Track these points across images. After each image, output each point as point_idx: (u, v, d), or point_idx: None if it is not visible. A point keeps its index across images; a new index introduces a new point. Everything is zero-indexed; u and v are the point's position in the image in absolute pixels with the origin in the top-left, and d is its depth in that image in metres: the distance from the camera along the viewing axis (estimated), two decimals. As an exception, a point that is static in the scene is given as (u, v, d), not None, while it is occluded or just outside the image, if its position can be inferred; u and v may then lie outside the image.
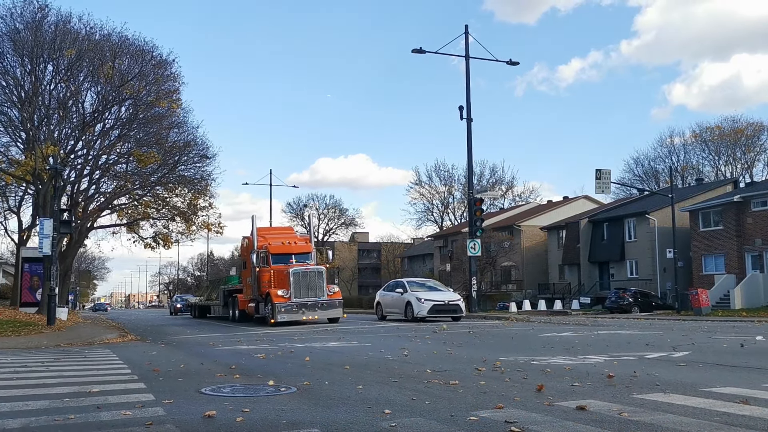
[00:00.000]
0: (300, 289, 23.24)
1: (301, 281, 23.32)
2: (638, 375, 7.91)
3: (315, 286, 23.48)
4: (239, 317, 27.50)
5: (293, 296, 23.10)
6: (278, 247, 25.42)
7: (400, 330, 19.04)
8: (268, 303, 23.57)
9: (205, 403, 6.44)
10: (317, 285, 23.55)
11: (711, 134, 68.36)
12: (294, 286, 23.17)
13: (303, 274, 23.56)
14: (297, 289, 23.20)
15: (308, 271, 23.72)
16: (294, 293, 23.14)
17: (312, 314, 23.34)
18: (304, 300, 23.23)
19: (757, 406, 5.57)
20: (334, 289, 24.46)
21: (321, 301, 23.46)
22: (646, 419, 5.15)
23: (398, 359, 10.56)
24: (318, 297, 23.39)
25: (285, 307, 22.98)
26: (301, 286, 23.28)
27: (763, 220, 37.95)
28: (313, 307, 23.34)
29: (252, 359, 11.07)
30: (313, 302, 23.33)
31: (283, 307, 22.95)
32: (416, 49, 27.00)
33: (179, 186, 33.85)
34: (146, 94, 29.21)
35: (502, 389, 6.92)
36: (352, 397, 6.64)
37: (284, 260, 24.72)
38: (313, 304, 23.33)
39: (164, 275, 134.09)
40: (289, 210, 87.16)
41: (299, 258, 25.17)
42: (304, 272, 23.63)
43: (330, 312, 23.83)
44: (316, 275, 23.76)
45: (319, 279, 23.68)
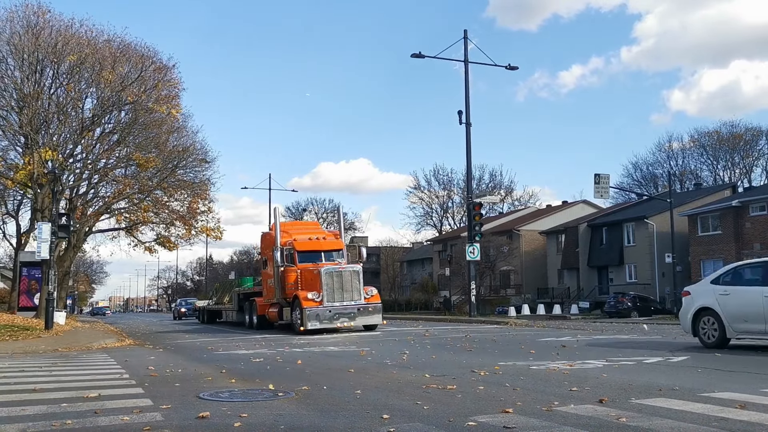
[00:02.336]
0: (333, 291, 20.24)
1: (334, 282, 20.36)
2: (636, 380, 7.90)
3: (351, 288, 20.49)
4: (258, 323, 24.73)
5: (326, 300, 20.09)
6: (305, 243, 22.49)
7: (398, 335, 19.01)
8: (296, 308, 20.62)
9: (204, 408, 6.43)
10: (353, 287, 20.56)
11: (709, 139, 68.43)
12: (326, 289, 20.17)
13: (337, 274, 20.53)
14: (330, 292, 20.17)
15: (343, 271, 20.67)
16: (326, 296, 20.12)
17: (347, 321, 20.37)
18: (339, 304, 20.24)
19: (755, 411, 5.57)
20: (372, 292, 21.19)
21: (357, 306, 20.42)
22: (644, 424, 5.15)
23: (397, 364, 10.55)
24: (354, 301, 20.40)
25: (316, 312, 20.00)
26: (335, 288, 20.31)
27: (762, 225, 37.97)
28: (348, 312, 20.36)
29: (250, 364, 11.05)
30: (348, 307, 20.33)
31: (314, 313, 19.95)
32: (415, 54, 27.05)
33: (178, 190, 33.85)
34: (146, 98, 29.23)
35: (500, 394, 6.91)
36: (351, 402, 6.64)
37: (312, 258, 22.04)
38: (348, 309, 20.34)
39: (163, 279, 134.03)
40: (288, 214, 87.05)
41: (329, 256, 22.43)
42: (338, 272, 20.60)
43: (367, 318, 20.68)
44: (351, 275, 20.70)
45: (356, 280, 20.65)
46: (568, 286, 52.03)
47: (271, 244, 23.02)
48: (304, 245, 22.37)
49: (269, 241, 23.94)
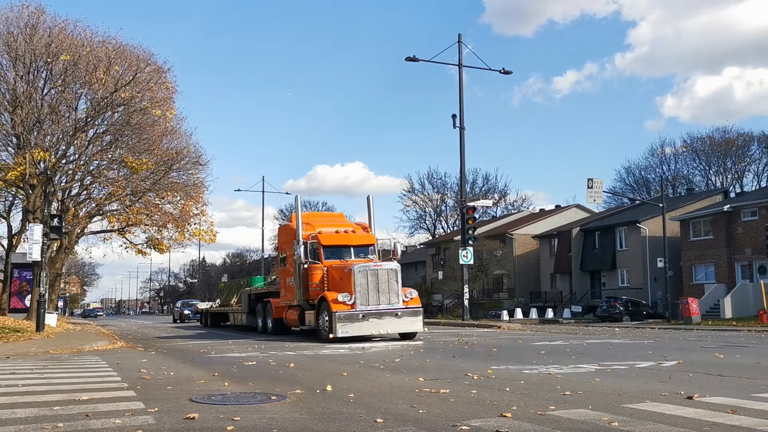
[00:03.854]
0: (368, 293, 17.77)
1: (369, 283, 17.85)
2: (628, 384, 7.93)
3: (387, 290, 17.97)
4: (273, 328, 22.32)
5: (359, 302, 17.61)
6: (332, 237, 19.91)
7: (390, 338, 19.00)
8: (323, 311, 18.12)
9: (196, 411, 6.41)
10: (390, 288, 18.03)
11: (702, 144, 68.79)
12: (360, 290, 17.69)
13: (372, 273, 17.99)
14: (364, 294, 17.71)
15: (379, 270, 18.13)
16: (360, 298, 17.63)
17: (384, 327, 17.73)
18: (374, 308, 17.74)
19: (745, 416, 5.60)
20: (411, 294, 18.68)
21: (395, 310, 17.90)
22: (636, 429, 5.17)
23: (390, 368, 10.55)
24: (391, 304, 17.93)
25: (348, 316, 17.46)
26: (370, 289, 17.81)
27: (753, 230, 38.17)
28: (385, 317, 17.76)
29: (243, 367, 11.03)
30: (385, 311, 17.81)
31: (345, 317, 17.42)
32: (410, 57, 27.11)
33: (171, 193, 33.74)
34: (140, 100, 29.15)
35: (493, 398, 6.93)
36: (344, 406, 6.63)
37: (340, 254, 19.58)
38: (385, 314, 17.78)
39: (155, 281, 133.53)
40: (281, 217, 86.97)
41: (359, 252, 19.89)
42: (374, 270, 18.06)
43: (406, 324, 18.05)
44: (388, 275, 18.17)
45: (393, 280, 18.16)
46: (561, 290, 52.15)
47: (291, 238, 20.42)
48: (330, 239, 19.76)
49: (289, 235, 21.23)
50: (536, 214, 65.34)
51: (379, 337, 18.35)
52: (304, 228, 20.01)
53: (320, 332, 18.25)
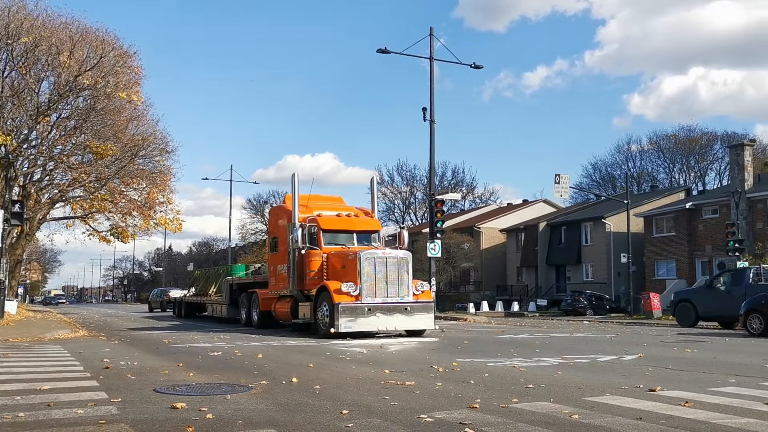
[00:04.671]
0: (375, 283, 15.97)
1: (376, 272, 16.04)
2: (590, 378, 8.10)
3: (397, 281, 16.21)
4: (260, 321, 20.26)
5: (364, 294, 15.80)
6: (333, 221, 18.18)
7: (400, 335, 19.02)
8: (322, 303, 16.24)
9: (160, 402, 6.38)
10: (400, 279, 16.28)
11: (667, 142, 70.13)
12: (366, 280, 15.88)
13: (380, 261, 16.16)
14: (370, 284, 15.92)
15: (388, 258, 16.33)
16: (366, 289, 15.83)
17: (391, 323, 15.97)
18: (381, 301, 15.97)
19: (700, 409, 5.77)
20: (423, 287, 17.01)
21: (405, 304, 16.14)
22: (595, 422, 5.28)
23: (357, 360, 10.59)
24: (401, 297, 16.16)
25: (352, 309, 15.63)
26: (377, 279, 16.02)
27: (714, 228, 39.07)
28: (393, 311, 15.99)
29: (208, 357, 10.97)
30: (394, 305, 16.04)
31: (348, 310, 15.58)
32: (381, 49, 27.04)
33: (136, 180, 33.26)
34: (105, 85, 28.62)
35: (458, 391, 7.01)
36: (310, 397, 6.65)
37: (341, 240, 17.93)
38: (393, 308, 16.02)
39: (119, 269, 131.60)
40: (249, 207, 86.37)
41: (363, 238, 18.20)
42: (382, 258, 16.24)
43: (415, 320, 16.27)
44: (399, 264, 16.40)
45: (404, 270, 16.41)
46: (527, 283, 52.79)
47: (286, 221, 18.68)
48: (331, 223, 18.05)
49: (282, 217, 19.42)
50: (504, 208, 65.96)
51: (384, 334, 16.50)
52: (301, 210, 18.09)
53: (318, 326, 16.34)
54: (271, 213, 22.38)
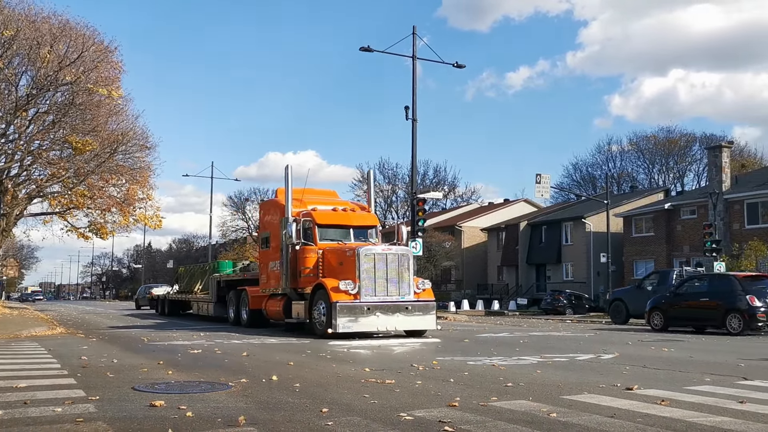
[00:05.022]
0: (375, 281, 15.26)
1: (376, 270, 15.32)
2: (568, 376, 8.17)
3: (398, 278, 15.49)
4: (249, 320, 19.50)
5: (363, 292, 15.09)
6: (329, 215, 17.40)
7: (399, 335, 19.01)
8: (318, 302, 15.51)
9: (138, 399, 6.34)
10: (401, 276, 15.55)
11: (647, 143, 70.92)
12: (365, 277, 15.18)
13: (380, 258, 15.43)
14: (370, 282, 15.21)
15: (388, 254, 15.62)
16: (364, 288, 15.12)
17: (391, 322, 15.23)
18: (381, 300, 15.25)
19: (676, 408, 5.85)
20: (424, 285, 16.15)
21: (406, 303, 15.41)
22: (573, 420, 5.34)
23: (337, 358, 10.60)
24: (401, 295, 15.44)
25: (351, 308, 14.91)
26: (377, 277, 15.30)
27: (691, 228, 39.55)
28: (394, 310, 15.25)
29: (188, 355, 10.92)
30: (394, 303, 15.30)
31: (347, 309, 14.87)
32: (364, 48, 27.02)
33: (116, 176, 32.93)
34: (85, 79, 28.30)
35: (437, 389, 7.04)
36: (290, 395, 6.65)
37: (337, 236, 17.20)
38: (394, 307, 15.27)
39: (97, 266, 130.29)
40: (230, 204, 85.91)
41: (359, 234, 17.45)
42: (382, 255, 15.52)
43: (416, 320, 15.54)
44: (399, 261, 15.64)
45: (404, 268, 15.65)
46: (507, 282, 53.09)
47: (278, 216, 17.87)
48: (327, 217, 17.26)
49: (274, 212, 18.60)
50: (485, 207, 66.27)
51: (382, 334, 15.78)
52: (294, 204, 17.31)
53: (314, 326, 15.65)
54: (262, 207, 21.06)
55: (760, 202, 36.99)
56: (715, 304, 18.58)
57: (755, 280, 19.38)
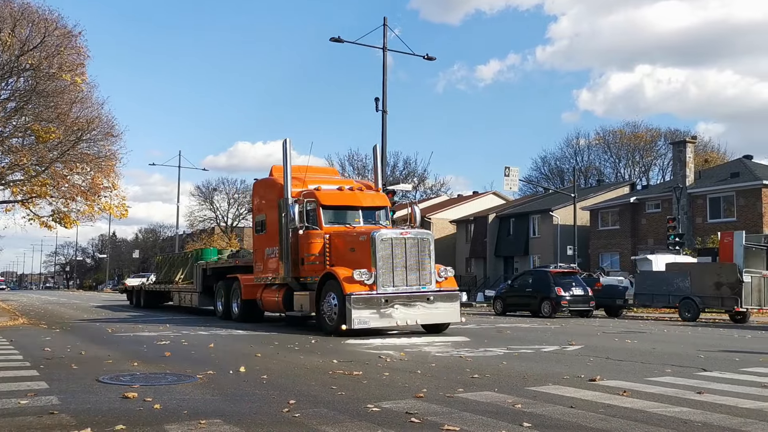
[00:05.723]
0: (393, 270, 13.49)
1: (394, 256, 13.54)
2: (534, 368, 8.29)
3: (418, 266, 13.72)
4: (242, 312, 17.76)
5: (380, 281, 13.29)
6: (335, 196, 15.48)
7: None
8: (328, 293, 13.74)
9: (103, 392, 6.27)
10: (422, 264, 13.80)
11: (613, 138, 71.98)
12: (382, 265, 13.37)
13: (398, 242, 13.65)
14: (387, 270, 13.42)
15: (407, 239, 13.80)
16: (382, 276, 13.34)
17: (412, 316, 13.48)
18: (400, 290, 13.49)
19: (638, 399, 5.98)
20: (446, 273, 14.40)
21: (427, 293, 13.68)
22: (537, 411, 5.43)
23: (305, 349, 10.59)
24: (422, 285, 13.70)
25: (366, 300, 13.12)
26: (395, 264, 13.53)
27: (656, 222, 40.29)
28: (414, 302, 13.54)
29: (154, 347, 10.81)
30: (415, 294, 13.59)
31: (363, 302, 13.08)
32: (334, 38, 26.90)
33: (80, 164, 32.31)
34: (48, 65, 27.67)
35: (405, 380, 7.09)
36: (257, 386, 6.63)
37: (344, 218, 15.30)
38: (415, 298, 13.57)
39: (61, 255, 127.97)
40: (198, 194, 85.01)
41: (368, 216, 15.63)
42: (401, 240, 13.71)
43: (439, 312, 13.84)
44: (420, 246, 13.87)
45: (425, 254, 13.91)
46: (476, 274, 53.51)
47: (275, 197, 16.23)
48: (333, 198, 15.38)
49: (271, 192, 16.80)
50: (454, 200, 66.63)
51: (396, 331, 14.43)
52: (294, 183, 15.58)
53: (323, 321, 13.87)
54: (256, 188, 18.63)
55: (722, 197, 37.82)
56: (534, 294, 24.26)
57: (565, 275, 24.80)
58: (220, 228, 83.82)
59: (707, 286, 21.63)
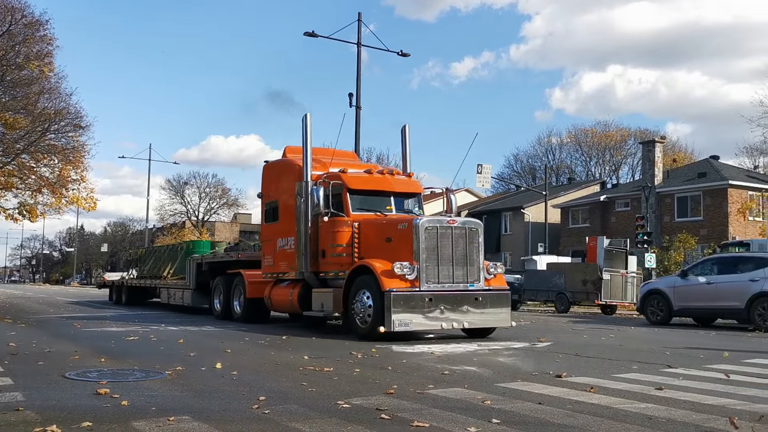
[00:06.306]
0: (438, 264, 11.69)
1: (440, 248, 11.73)
2: (503, 364, 8.37)
3: (464, 260, 11.96)
4: (245, 311, 16.10)
5: (424, 277, 11.49)
6: (364, 179, 13.68)
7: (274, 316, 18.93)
8: (361, 290, 11.79)
9: (69, 388, 6.18)
10: (470, 258, 12.05)
11: (585, 137, 72.86)
12: (426, 257, 11.60)
13: (444, 231, 11.84)
14: (432, 263, 11.64)
15: (454, 228, 11.98)
16: (426, 271, 11.55)
17: (459, 318, 11.66)
18: (446, 288, 11.70)
19: (604, 395, 6.07)
20: (496, 269, 12.75)
21: (475, 292, 11.93)
22: (506, 407, 5.48)
23: (275, 345, 10.56)
24: (469, 282, 11.93)
25: (408, 299, 11.29)
26: (441, 257, 11.73)
27: (625, 220, 40.89)
28: (462, 302, 11.75)
29: (122, 342, 10.68)
30: (461, 293, 11.80)
31: (404, 301, 11.23)
32: (308, 33, 26.76)
33: (48, 156, 31.73)
34: (14, 55, 27.10)
35: (375, 377, 7.10)
36: (227, 383, 6.59)
37: (373, 205, 13.44)
38: (462, 297, 11.78)
39: (27, 249, 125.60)
40: (168, 187, 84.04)
41: (399, 204, 13.83)
42: (447, 229, 11.89)
43: (488, 315, 12.07)
44: (468, 237, 12.10)
45: (474, 246, 12.25)
46: (447, 270, 53.82)
47: (292, 180, 14.20)
48: (362, 181, 13.59)
49: (287, 175, 14.83)
50: (427, 196, 66.44)
51: (432, 334, 12.68)
52: (315, 167, 13.81)
53: (352, 323, 12.03)
54: (267, 171, 16.28)
55: (689, 196, 38.52)
56: None
57: None
58: (191, 222, 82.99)
59: (577, 283, 24.56)
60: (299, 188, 13.63)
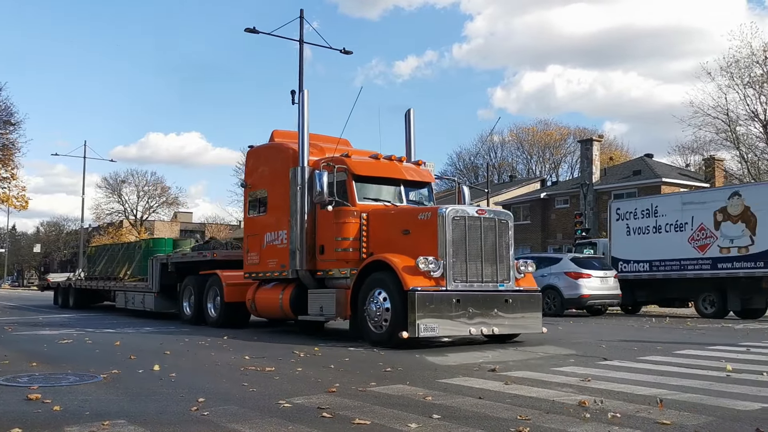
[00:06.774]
0: (467, 259, 10.24)
1: (469, 241, 10.29)
2: (445, 360, 8.45)
3: (494, 257, 10.55)
4: (222, 316, 14.25)
5: (450, 274, 10.00)
6: (369, 165, 12.06)
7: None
8: (375, 289, 10.25)
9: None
10: (499, 254, 10.63)
11: (526, 135, 74.37)
12: (453, 251, 10.12)
13: (472, 223, 10.39)
14: (459, 259, 10.17)
15: (484, 219, 10.57)
16: (454, 268, 10.07)
17: (488, 322, 10.17)
18: (474, 287, 10.25)
19: (542, 388, 6.21)
20: (527, 267, 11.33)
21: (505, 293, 10.53)
22: (447, 402, 5.54)
23: (216, 345, 10.40)
24: (500, 282, 10.52)
25: (434, 299, 9.77)
26: (470, 252, 10.27)
27: (564, 217, 41.91)
28: (491, 304, 10.30)
29: (55, 346, 10.33)
30: (491, 294, 10.38)
31: (430, 301, 9.70)
32: (249, 29, 26.40)
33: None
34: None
35: (318, 376, 7.07)
36: (165, 385, 6.46)
37: (380, 194, 11.99)
38: (492, 298, 10.35)
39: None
40: (105, 185, 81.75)
41: (410, 192, 12.31)
42: (476, 220, 10.45)
43: (519, 319, 10.64)
44: (497, 230, 10.68)
45: (503, 241, 10.76)
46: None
47: (285, 165, 12.61)
48: (369, 167, 12.00)
49: (278, 160, 13.13)
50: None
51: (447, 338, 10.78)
52: (313, 153, 12.41)
53: (364, 328, 10.47)
54: (253, 156, 14.49)
55: (625, 193, 39.71)
56: None
57: None
58: (129, 221, 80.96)
59: None
60: (294, 174, 12.12)
